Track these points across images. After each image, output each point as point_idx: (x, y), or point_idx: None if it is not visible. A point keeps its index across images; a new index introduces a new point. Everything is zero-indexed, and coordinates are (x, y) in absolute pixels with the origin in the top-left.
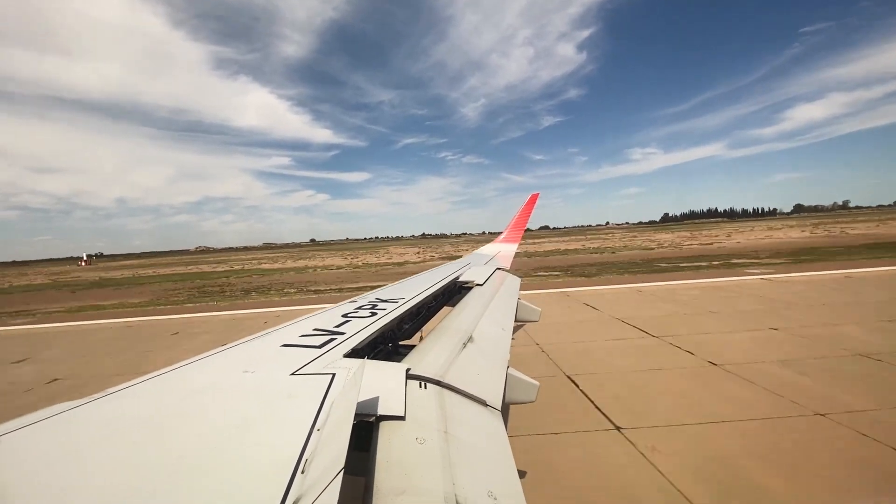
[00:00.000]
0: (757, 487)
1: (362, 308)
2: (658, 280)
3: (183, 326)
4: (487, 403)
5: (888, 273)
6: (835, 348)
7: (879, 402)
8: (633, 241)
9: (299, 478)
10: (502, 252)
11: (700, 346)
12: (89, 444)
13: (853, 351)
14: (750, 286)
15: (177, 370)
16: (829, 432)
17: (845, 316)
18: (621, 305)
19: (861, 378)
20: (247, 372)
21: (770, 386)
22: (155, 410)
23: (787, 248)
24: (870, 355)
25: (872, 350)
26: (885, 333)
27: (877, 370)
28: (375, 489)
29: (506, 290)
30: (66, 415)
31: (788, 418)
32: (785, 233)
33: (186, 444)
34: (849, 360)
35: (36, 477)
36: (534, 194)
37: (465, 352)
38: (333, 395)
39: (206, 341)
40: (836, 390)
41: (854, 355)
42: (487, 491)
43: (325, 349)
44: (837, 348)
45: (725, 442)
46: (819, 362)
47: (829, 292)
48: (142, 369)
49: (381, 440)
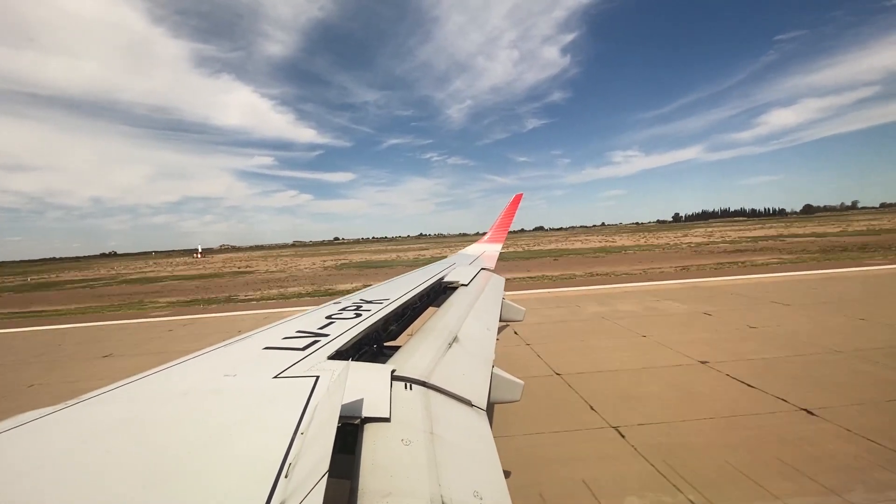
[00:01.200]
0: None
1: (347, 309)
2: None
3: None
4: (473, 403)
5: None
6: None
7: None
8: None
9: (283, 482)
10: (487, 252)
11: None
12: (62, 452)
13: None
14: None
15: (155, 374)
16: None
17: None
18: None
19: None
20: (228, 375)
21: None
22: (131, 416)
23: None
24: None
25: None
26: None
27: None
28: (360, 491)
29: (491, 291)
30: (39, 422)
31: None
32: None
33: (165, 450)
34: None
35: (5, 488)
36: (517, 195)
37: (451, 352)
38: (317, 398)
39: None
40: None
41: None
42: (473, 491)
43: (309, 351)
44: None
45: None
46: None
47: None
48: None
49: (366, 442)
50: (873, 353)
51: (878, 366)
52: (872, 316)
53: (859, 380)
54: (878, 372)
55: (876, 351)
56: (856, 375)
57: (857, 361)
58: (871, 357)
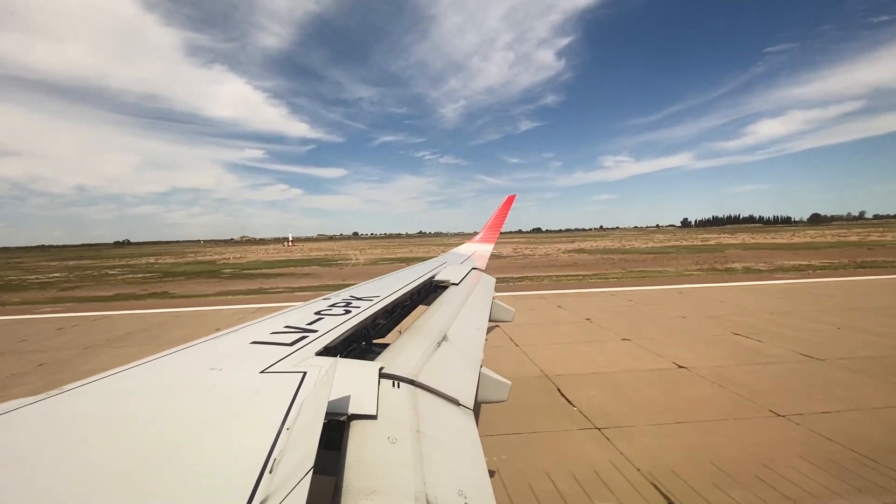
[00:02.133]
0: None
1: (336, 305)
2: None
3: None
4: (460, 403)
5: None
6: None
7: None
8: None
9: (267, 477)
10: (478, 252)
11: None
12: (38, 445)
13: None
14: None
15: (138, 367)
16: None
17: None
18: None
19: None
20: (214, 369)
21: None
22: (113, 409)
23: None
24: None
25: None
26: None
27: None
28: (345, 489)
29: (481, 291)
30: (14, 413)
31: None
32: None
33: (148, 444)
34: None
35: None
36: (510, 196)
37: (440, 351)
38: (304, 394)
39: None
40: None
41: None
42: (458, 490)
43: (297, 347)
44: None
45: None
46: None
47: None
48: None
49: (353, 439)
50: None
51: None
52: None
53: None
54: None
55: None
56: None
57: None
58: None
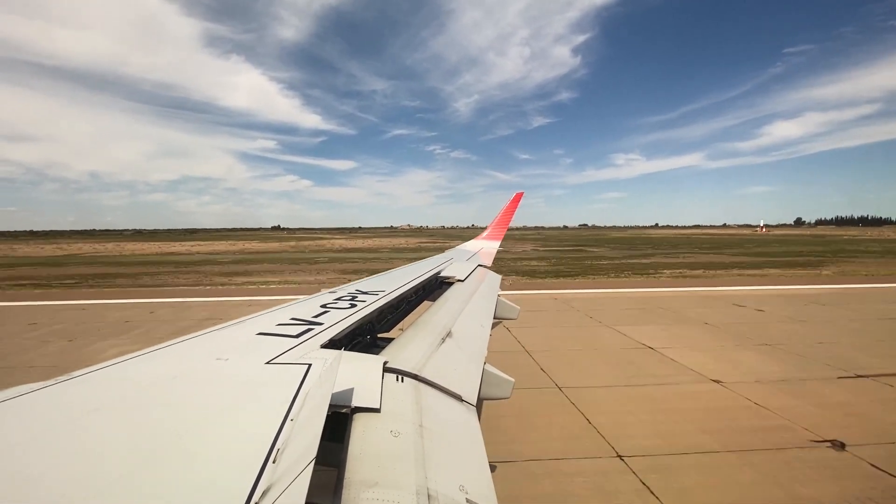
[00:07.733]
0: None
1: (342, 299)
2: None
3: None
4: (463, 398)
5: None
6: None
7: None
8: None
9: (270, 467)
10: (485, 249)
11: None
12: (46, 432)
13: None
14: None
15: (145, 355)
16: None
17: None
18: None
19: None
20: (220, 359)
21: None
22: (120, 397)
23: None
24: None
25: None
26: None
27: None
28: (347, 480)
29: (486, 288)
30: (21, 399)
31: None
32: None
33: (153, 432)
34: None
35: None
36: (518, 193)
37: (444, 347)
38: (308, 386)
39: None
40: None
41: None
42: (459, 485)
43: (302, 339)
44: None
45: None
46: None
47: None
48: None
49: (355, 432)
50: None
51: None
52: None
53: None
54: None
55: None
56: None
57: None
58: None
